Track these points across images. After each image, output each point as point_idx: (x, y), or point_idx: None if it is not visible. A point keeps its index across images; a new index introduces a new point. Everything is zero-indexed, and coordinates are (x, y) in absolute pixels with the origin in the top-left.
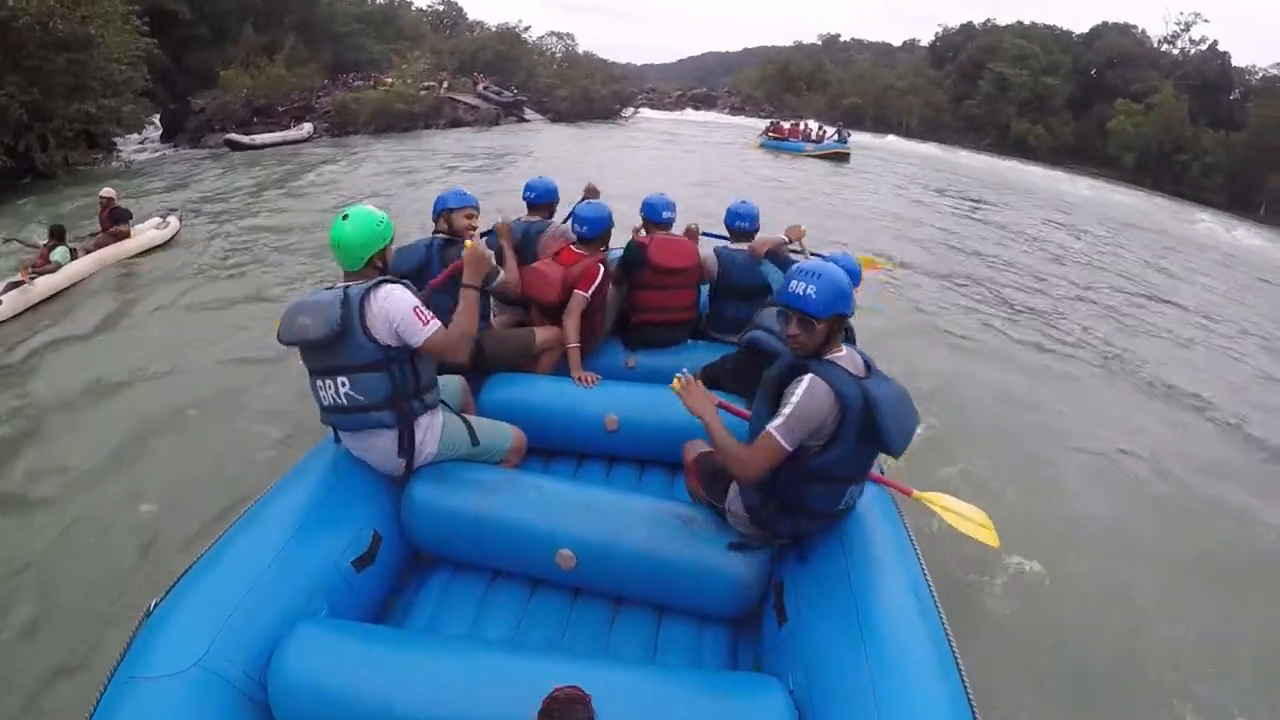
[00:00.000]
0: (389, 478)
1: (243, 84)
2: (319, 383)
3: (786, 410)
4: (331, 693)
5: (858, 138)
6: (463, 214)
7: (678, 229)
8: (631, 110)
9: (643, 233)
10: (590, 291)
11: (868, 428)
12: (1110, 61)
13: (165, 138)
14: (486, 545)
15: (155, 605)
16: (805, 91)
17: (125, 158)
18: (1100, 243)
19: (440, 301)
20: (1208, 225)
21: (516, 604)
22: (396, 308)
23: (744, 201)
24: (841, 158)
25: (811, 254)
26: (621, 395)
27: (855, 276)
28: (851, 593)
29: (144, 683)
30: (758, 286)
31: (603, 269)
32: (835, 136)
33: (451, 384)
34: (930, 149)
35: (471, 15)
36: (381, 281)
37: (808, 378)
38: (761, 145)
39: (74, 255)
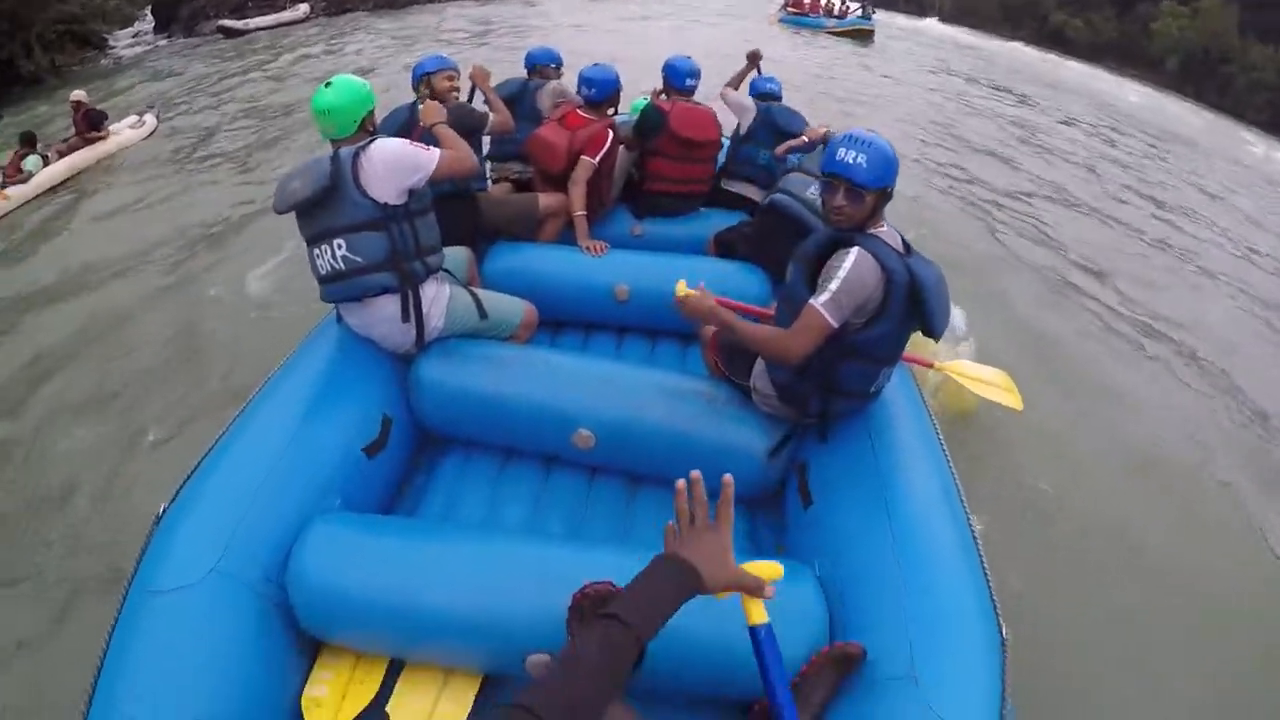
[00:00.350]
0: (395, 357)
1: None
2: (315, 251)
3: (833, 285)
4: (353, 589)
5: (888, 18)
6: (442, 76)
7: (702, 96)
8: None
9: (663, 96)
10: (598, 158)
11: (912, 306)
12: None
13: (159, 29)
14: (500, 425)
15: (165, 510)
16: None
17: (117, 54)
18: (1144, 158)
19: None
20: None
21: (532, 485)
22: (394, 152)
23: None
24: (864, 35)
25: None
26: (632, 264)
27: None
28: (879, 476)
29: (161, 596)
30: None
31: (611, 134)
32: (859, 12)
33: (456, 255)
34: (964, 34)
35: None
36: (371, 140)
37: (854, 250)
38: (780, 21)
39: (46, 161)
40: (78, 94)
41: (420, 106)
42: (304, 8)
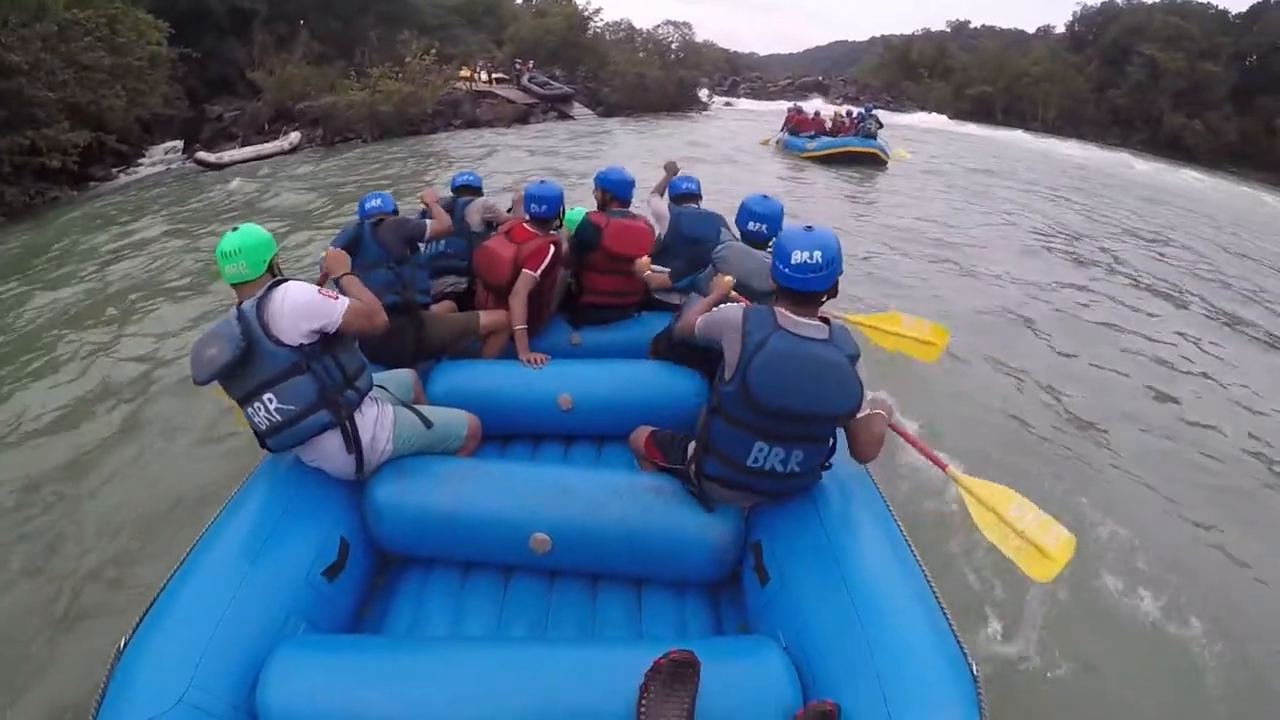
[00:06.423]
0: (349, 481)
1: (267, 86)
2: (249, 410)
3: (714, 310)
4: (322, 712)
5: (982, 132)
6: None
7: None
8: (709, 96)
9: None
10: (539, 271)
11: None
12: (1276, 46)
13: (186, 150)
14: (457, 538)
15: (125, 644)
16: (927, 79)
17: (141, 173)
18: None
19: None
20: None
21: (494, 595)
22: (302, 298)
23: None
24: (870, 160)
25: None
26: (573, 373)
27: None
28: (831, 546)
29: None
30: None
31: (554, 249)
32: (857, 127)
33: (401, 377)
34: (1073, 148)
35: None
36: (271, 287)
37: (740, 305)
38: (781, 143)
39: None
40: None
41: (324, 256)
42: (294, 136)
